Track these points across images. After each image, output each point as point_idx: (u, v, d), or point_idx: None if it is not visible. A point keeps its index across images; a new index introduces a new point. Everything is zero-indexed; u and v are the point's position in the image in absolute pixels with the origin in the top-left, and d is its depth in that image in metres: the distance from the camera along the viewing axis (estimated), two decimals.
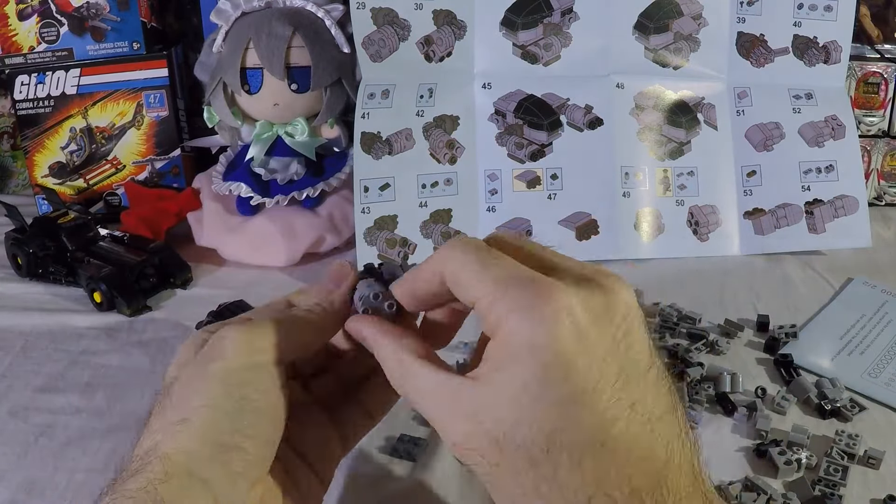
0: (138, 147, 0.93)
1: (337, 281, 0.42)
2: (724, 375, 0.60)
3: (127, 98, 0.91)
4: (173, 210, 0.86)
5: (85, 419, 0.58)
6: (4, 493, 0.51)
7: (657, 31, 0.84)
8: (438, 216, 0.81)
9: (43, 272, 0.78)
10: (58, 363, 0.65)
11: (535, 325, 0.31)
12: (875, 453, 0.52)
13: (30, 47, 0.89)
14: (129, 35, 0.90)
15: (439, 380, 0.35)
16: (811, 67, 0.86)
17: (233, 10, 0.81)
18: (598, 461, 0.31)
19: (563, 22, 0.83)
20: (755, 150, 0.85)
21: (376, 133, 0.79)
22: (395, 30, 0.80)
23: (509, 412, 0.31)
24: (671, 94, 0.85)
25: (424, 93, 0.81)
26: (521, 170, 0.83)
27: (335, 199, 0.84)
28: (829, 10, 0.85)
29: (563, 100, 0.83)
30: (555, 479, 0.31)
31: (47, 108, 0.90)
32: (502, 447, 0.31)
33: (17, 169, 1.03)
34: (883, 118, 0.91)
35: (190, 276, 0.78)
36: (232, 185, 0.82)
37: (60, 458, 0.54)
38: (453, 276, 0.35)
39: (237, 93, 0.82)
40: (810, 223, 0.84)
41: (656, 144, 0.84)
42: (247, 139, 0.85)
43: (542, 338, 0.31)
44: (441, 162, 0.82)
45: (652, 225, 0.83)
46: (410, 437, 0.54)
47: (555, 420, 0.31)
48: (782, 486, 0.50)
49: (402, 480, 0.51)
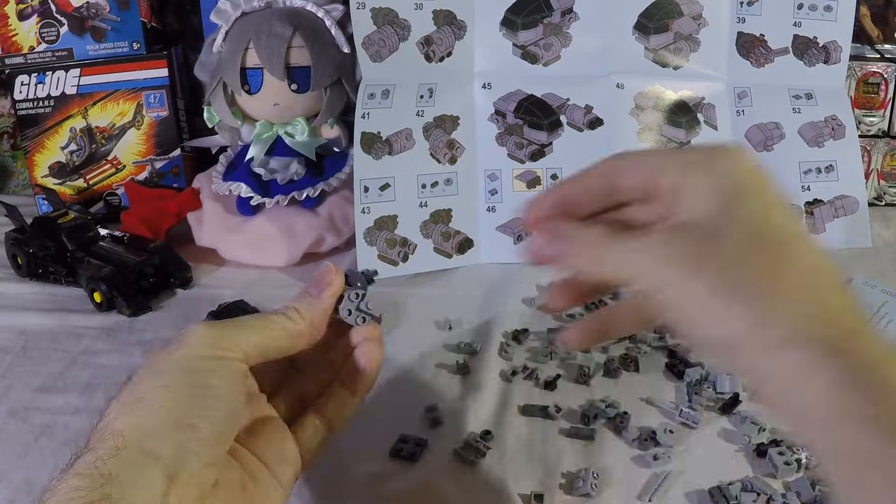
0: (138, 147, 0.93)
1: (319, 287, 0.43)
2: (724, 375, 0.60)
3: (127, 98, 0.91)
4: (173, 210, 0.86)
5: (85, 419, 0.58)
6: (4, 492, 0.51)
7: (657, 31, 0.84)
8: (438, 216, 0.81)
9: (43, 272, 0.78)
10: (58, 363, 0.65)
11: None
12: None
13: (30, 47, 0.89)
14: (129, 35, 0.90)
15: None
16: (811, 67, 0.86)
17: (233, 10, 0.81)
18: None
19: (563, 22, 0.83)
20: (755, 150, 0.85)
21: (376, 133, 0.79)
22: (395, 30, 0.80)
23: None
24: (671, 94, 0.85)
25: (424, 93, 0.81)
26: (521, 170, 0.83)
27: (335, 199, 0.84)
28: (829, 10, 0.85)
29: (563, 100, 0.83)
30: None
31: (47, 108, 0.90)
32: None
33: (17, 169, 1.03)
34: (883, 118, 0.91)
35: (190, 276, 0.78)
36: (232, 185, 0.82)
37: (60, 458, 0.54)
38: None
39: (237, 93, 0.82)
40: (810, 223, 0.84)
41: (656, 144, 0.84)
42: (247, 139, 0.85)
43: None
44: (441, 162, 0.82)
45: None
46: (410, 437, 0.54)
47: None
48: (782, 486, 0.50)
49: (402, 480, 0.51)
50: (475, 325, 0.70)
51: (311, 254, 0.82)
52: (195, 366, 0.37)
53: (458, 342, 0.66)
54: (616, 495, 0.50)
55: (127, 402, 0.36)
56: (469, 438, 0.54)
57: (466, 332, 0.69)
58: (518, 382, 0.61)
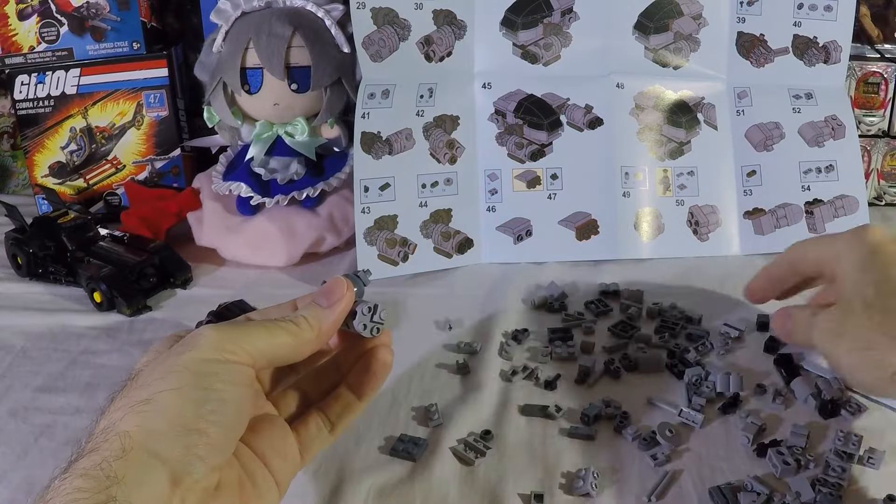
0: (138, 147, 0.93)
1: (329, 299, 0.42)
2: (724, 375, 0.60)
3: (127, 98, 0.91)
4: (173, 210, 0.86)
5: (85, 419, 0.58)
6: (4, 493, 0.51)
7: (657, 31, 0.84)
8: (438, 216, 0.81)
9: (43, 272, 0.78)
10: (58, 363, 0.65)
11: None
12: (875, 453, 0.52)
13: (30, 47, 0.89)
14: (129, 35, 0.90)
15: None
16: (811, 67, 0.86)
17: (233, 9, 0.81)
18: None
19: (563, 22, 0.83)
20: (755, 149, 0.85)
21: (376, 133, 0.79)
22: (395, 30, 0.80)
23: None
24: (671, 94, 0.85)
25: (424, 93, 0.81)
26: (521, 170, 0.83)
27: (335, 199, 0.84)
28: (829, 10, 0.85)
29: (563, 100, 0.83)
30: None
31: (47, 107, 0.90)
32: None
33: (17, 169, 1.03)
34: (883, 118, 0.91)
35: (190, 276, 0.78)
36: (232, 185, 0.82)
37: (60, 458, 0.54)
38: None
39: (237, 93, 0.82)
40: (810, 223, 0.84)
41: (656, 144, 0.84)
42: (247, 139, 0.85)
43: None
44: (441, 162, 0.82)
45: (652, 225, 0.83)
46: (410, 437, 0.54)
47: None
48: (782, 486, 0.50)
49: (402, 480, 0.51)
50: (475, 325, 0.70)
51: (311, 254, 0.82)
52: (204, 369, 0.37)
53: (458, 342, 0.66)
54: (616, 495, 0.50)
55: (134, 404, 0.36)
56: (469, 438, 0.54)
57: (466, 332, 0.69)
58: (518, 382, 0.61)
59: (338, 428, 0.45)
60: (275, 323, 0.41)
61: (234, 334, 0.39)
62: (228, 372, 0.38)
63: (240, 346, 0.38)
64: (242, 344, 0.39)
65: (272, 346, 0.40)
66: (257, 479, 0.40)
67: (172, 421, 0.35)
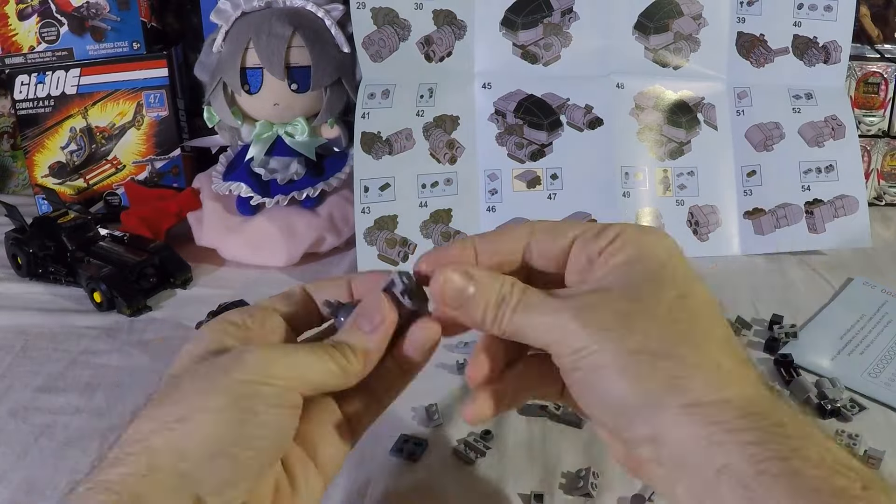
0: (138, 147, 0.93)
1: (372, 323, 0.39)
2: None
3: (127, 98, 0.91)
4: (173, 210, 0.86)
5: (85, 419, 0.58)
6: (4, 493, 0.51)
7: (657, 31, 0.84)
8: (438, 216, 0.81)
9: (43, 272, 0.78)
10: (58, 363, 0.65)
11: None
12: (875, 453, 0.52)
13: (30, 47, 0.89)
14: (129, 35, 0.90)
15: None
16: (811, 67, 0.86)
17: (233, 9, 0.81)
18: None
19: (563, 22, 0.83)
20: (755, 150, 0.85)
21: (376, 133, 0.79)
22: (395, 30, 0.80)
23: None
24: (671, 94, 0.85)
25: (424, 93, 0.81)
26: (521, 170, 0.83)
27: (335, 199, 0.84)
28: (829, 10, 0.85)
29: (563, 100, 0.83)
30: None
31: (47, 108, 0.90)
32: None
33: (17, 169, 1.03)
34: (883, 118, 0.91)
35: (190, 276, 0.78)
36: (232, 185, 0.82)
37: (60, 458, 0.54)
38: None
39: (237, 93, 0.82)
40: (810, 223, 0.84)
41: (656, 144, 0.84)
42: (247, 139, 0.85)
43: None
44: (441, 162, 0.82)
45: (652, 225, 0.83)
46: (410, 436, 0.54)
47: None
48: None
49: (402, 480, 0.51)
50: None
51: (311, 254, 0.82)
52: (244, 390, 0.35)
53: (458, 342, 0.66)
54: (616, 495, 0.50)
55: (167, 419, 0.34)
56: (469, 438, 0.54)
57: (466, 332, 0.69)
58: None
59: (384, 399, 0.43)
60: (324, 349, 0.38)
61: (285, 361, 0.37)
62: (271, 394, 0.36)
63: (287, 369, 0.36)
64: (289, 368, 0.37)
65: (320, 375, 0.38)
66: (297, 479, 0.39)
67: (206, 443, 0.34)
